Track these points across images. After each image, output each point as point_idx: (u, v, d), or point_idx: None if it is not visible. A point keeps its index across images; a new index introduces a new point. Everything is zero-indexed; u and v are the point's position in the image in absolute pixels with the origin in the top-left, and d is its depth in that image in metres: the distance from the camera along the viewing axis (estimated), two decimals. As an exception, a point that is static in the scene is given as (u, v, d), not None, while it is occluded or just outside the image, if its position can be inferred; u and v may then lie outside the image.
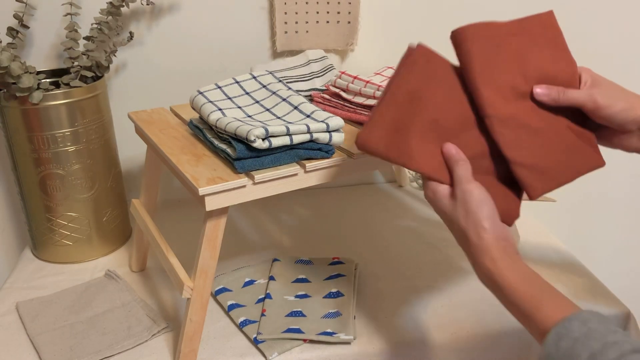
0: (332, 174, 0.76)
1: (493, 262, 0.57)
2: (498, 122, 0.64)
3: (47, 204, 0.99)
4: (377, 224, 1.15)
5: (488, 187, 0.63)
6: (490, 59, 0.65)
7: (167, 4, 1.10)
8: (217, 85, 0.83)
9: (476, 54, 0.65)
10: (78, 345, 0.81)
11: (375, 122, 0.64)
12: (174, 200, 1.23)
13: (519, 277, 0.56)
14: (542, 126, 0.66)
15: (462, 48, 0.65)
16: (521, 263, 0.58)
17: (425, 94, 0.64)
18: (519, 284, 0.55)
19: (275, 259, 0.99)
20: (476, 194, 0.60)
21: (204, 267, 0.73)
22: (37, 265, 1.04)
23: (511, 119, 0.65)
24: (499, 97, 0.65)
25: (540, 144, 0.66)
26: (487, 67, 0.65)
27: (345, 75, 0.89)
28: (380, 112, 0.64)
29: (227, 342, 0.82)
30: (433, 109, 0.64)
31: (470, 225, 0.59)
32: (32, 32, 1.06)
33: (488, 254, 0.58)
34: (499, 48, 0.66)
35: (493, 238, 0.58)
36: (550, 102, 0.66)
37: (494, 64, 0.65)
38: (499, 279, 0.56)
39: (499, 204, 0.63)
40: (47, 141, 0.93)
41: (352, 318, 0.84)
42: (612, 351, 0.45)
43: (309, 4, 1.12)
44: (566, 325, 0.49)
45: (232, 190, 0.69)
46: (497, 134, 0.64)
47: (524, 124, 0.65)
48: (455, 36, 0.66)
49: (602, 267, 1.03)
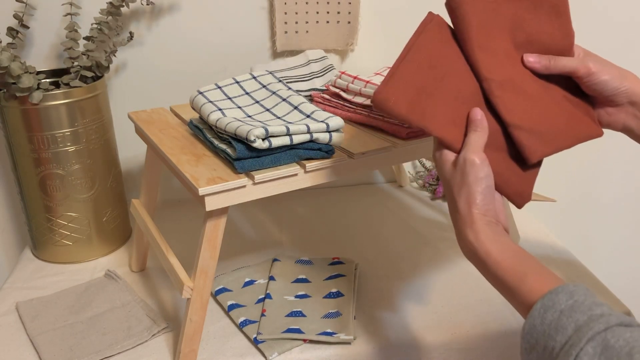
0: (332, 174, 0.76)
1: (475, 235, 0.56)
2: (496, 85, 0.63)
3: (47, 204, 0.99)
4: (377, 224, 1.15)
5: (500, 164, 0.62)
6: (487, 24, 0.64)
7: (167, 4, 1.10)
8: (217, 85, 0.83)
9: (472, 18, 0.64)
10: (78, 345, 0.81)
11: (395, 81, 0.61)
12: (174, 200, 1.23)
13: (502, 250, 0.55)
14: (539, 93, 0.65)
15: (458, 13, 0.64)
16: (506, 239, 0.57)
17: (447, 62, 0.63)
18: (502, 256, 0.54)
19: (275, 259, 0.99)
20: (477, 166, 0.58)
21: (204, 267, 0.73)
22: (37, 265, 1.04)
23: (508, 82, 0.64)
24: (495, 61, 0.64)
25: (538, 109, 0.64)
26: (483, 32, 0.64)
27: (345, 76, 0.89)
28: (401, 73, 0.62)
29: (227, 342, 0.82)
30: (456, 78, 0.63)
31: (462, 195, 0.58)
32: (32, 32, 1.07)
33: (472, 226, 0.56)
34: (495, 13, 0.65)
35: (482, 213, 0.57)
36: (542, 70, 0.65)
37: (490, 29, 0.64)
38: (482, 251, 0.55)
39: (511, 184, 0.62)
40: (47, 141, 0.93)
41: (352, 318, 0.84)
42: (597, 324, 0.44)
43: (309, 4, 1.12)
44: (552, 298, 0.48)
45: (232, 190, 0.69)
46: (494, 97, 0.63)
47: (521, 89, 0.64)
48: (451, 1, 0.65)
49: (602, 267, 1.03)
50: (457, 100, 0.63)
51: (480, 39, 0.64)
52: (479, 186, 0.58)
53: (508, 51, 0.65)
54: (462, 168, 0.58)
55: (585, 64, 0.64)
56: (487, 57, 0.64)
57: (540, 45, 0.66)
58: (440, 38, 0.64)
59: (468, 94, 0.64)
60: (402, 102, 0.61)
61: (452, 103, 0.63)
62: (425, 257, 1.03)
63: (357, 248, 1.06)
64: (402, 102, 0.61)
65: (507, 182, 0.62)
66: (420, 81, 0.62)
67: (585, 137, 0.66)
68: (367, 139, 0.81)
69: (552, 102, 0.65)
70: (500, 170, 0.62)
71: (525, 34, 0.66)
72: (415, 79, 0.62)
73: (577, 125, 0.66)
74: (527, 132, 0.63)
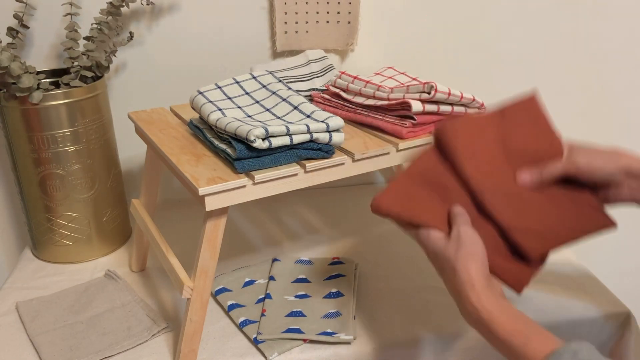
0: (332, 174, 0.76)
1: (478, 297, 0.57)
2: (488, 195, 0.66)
3: (47, 204, 0.99)
4: (377, 224, 1.15)
5: (500, 261, 0.64)
6: (473, 145, 0.69)
7: (167, 4, 1.10)
8: (217, 85, 0.83)
9: (459, 143, 0.68)
10: (78, 345, 0.81)
11: (390, 191, 0.68)
12: (174, 200, 1.23)
13: (504, 313, 0.56)
14: (534, 196, 0.67)
15: (443, 141, 0.69)
16: (506, 301, 0.58)
17: (439, 176, 0.68)
18: (505, 319, 0.56)
19: (275, 259, 0.99)
20: (472, 234, 0.61)
21: (204, 267, 0.73)
22: (37, 265, 1.04)
23: (499, 190, 0.67)
24: (485, 174, 0.67)
25: (534, 210, 0.66)
26: (470, 152, 0.68)
27: (345, 75, 0.89)
28: (397, 184, 0.69)
29: (227, 342, 0.82)
30: (447, 191, 0.67)
31: (460, 262, 0.59)
32: (32, 32, 1.07)
33: (474, 289, 0.58)
34: (480, 134, 0.69)
35: (481, 276, 0.59)
36: (536, 183, 0.67)
37: (477, 149, 0.68)
38: (485, 314, 0.56)
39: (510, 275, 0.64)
40: (47, 141, 0.93)
41: (352, 318, 0.84)
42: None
43: (309, 4, 1.12)
44: (557, 358, 0.50)
45: (232, 190, 0.69)
46: (487, 204, 0.66)
47: (514, 194, 0.67)
48: (437, 132, 0.70)
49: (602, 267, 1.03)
50: (447, 203, 0.67)
51: (468, 156, 0.68)
52: (476, 252, 0.60)
53: (498, 163, 0.68)
54: (457, 238, 0.61)
55: (572, 162, 0.65)
56: (477, 172, 0.67)
57: (529, 156, 0.68)
58: (435, 158, 0.69)
59: (459, 202, 0.67)
60: (395, 206, 0.66)
61: (441, 205, 0.67)
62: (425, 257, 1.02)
63: (357, 248, 1.06)
64: (394, 206, 0.66)
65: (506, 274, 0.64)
66: (413, 191, 0.67)
67: (591, 228, 0.66)
68: (367, 139, 0.81)
69: (550, 203, 0.67)
70: (500, 272, 0.64)
71: (513, 148, 0.69)
72: (409, 189, 0.68)
73: (580, 219, 0.66)
74: (523, 233, 0.64)
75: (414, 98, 0.80)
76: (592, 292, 0.93)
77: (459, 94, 0.81)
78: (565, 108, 1.33)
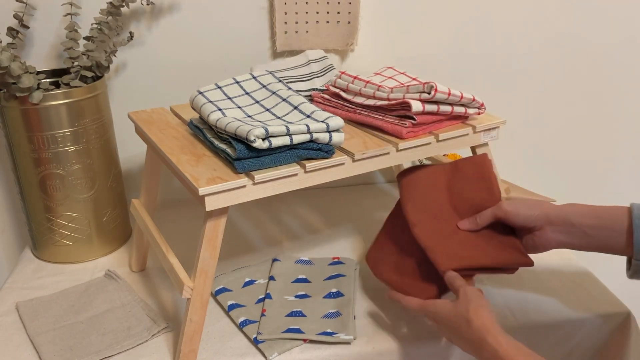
0: (332, 174, 0.76)
1: (494, 338, 0.64)
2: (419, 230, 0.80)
3: (47, 204, 0.99)
4: (377, 224, 1.15)
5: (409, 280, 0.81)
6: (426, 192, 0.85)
7: (167, 4, 1.10)
8: (217, 86, 0.83)
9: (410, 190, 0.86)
10: (78, 345, 0.81)
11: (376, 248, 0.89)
12: (174, 200, 1.23)
13: (516, 350, 0.63)
14: (468, 235, 0.81)
15: (401, 186, 0.87)
16: (515, 340, 0.65)
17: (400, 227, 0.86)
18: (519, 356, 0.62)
19: (275, 259, 0.99)
20: (475, 291, 0.71)
21: (204, 267, 0.73)
22: (37, 265, 1.04)
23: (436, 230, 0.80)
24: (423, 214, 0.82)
25: (462, 241, 0.79)
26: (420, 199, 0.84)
27: (345, 75, 0.89)
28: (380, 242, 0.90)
29: (227, 342, 0.82)
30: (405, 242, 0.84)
31: (471, 310, 0.67)
32: (32, 32, 1.07)
33: (490, 332, 0.64)
34: (434, 186, 0.86)
35: (493, 320, 0.66)
36: (475, 229, 0.81)
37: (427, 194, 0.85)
38: (502, 352, 0.62)
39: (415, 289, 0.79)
40: (47, 141, 0.93)
41: (352, 318, 0.84)
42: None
43: (309, 4, 1.12)
44: None
45: (232, 190, 0.69)
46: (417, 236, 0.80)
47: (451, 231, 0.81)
48: (398, 178, 0.88)
49: (602, 267, 1.03)
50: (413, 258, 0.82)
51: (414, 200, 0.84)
52: (484, 304, 0.68)
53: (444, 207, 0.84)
54: (465, 296, 0.69)
55: (501, 208, 0.79)
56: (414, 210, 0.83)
57: (472, 204, 0.83)
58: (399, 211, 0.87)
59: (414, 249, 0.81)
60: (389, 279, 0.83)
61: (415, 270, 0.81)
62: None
63: (357, 248, 1.06)
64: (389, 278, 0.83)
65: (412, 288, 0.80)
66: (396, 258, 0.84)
67: (509, 262, 0.78)
68: (367, 139, 0.81)
69: (479, 238, 0.80)
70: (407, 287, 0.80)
71: (459, 197, 0.84)
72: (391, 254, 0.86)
73: (499, 253, 0.78)
74: (438, 253, 0.76)
75: (414, 98, 0.80)
76: (592, 292, 0.93)
77: (459, 94, 0.81)
78: (566, 108, 1.33)
